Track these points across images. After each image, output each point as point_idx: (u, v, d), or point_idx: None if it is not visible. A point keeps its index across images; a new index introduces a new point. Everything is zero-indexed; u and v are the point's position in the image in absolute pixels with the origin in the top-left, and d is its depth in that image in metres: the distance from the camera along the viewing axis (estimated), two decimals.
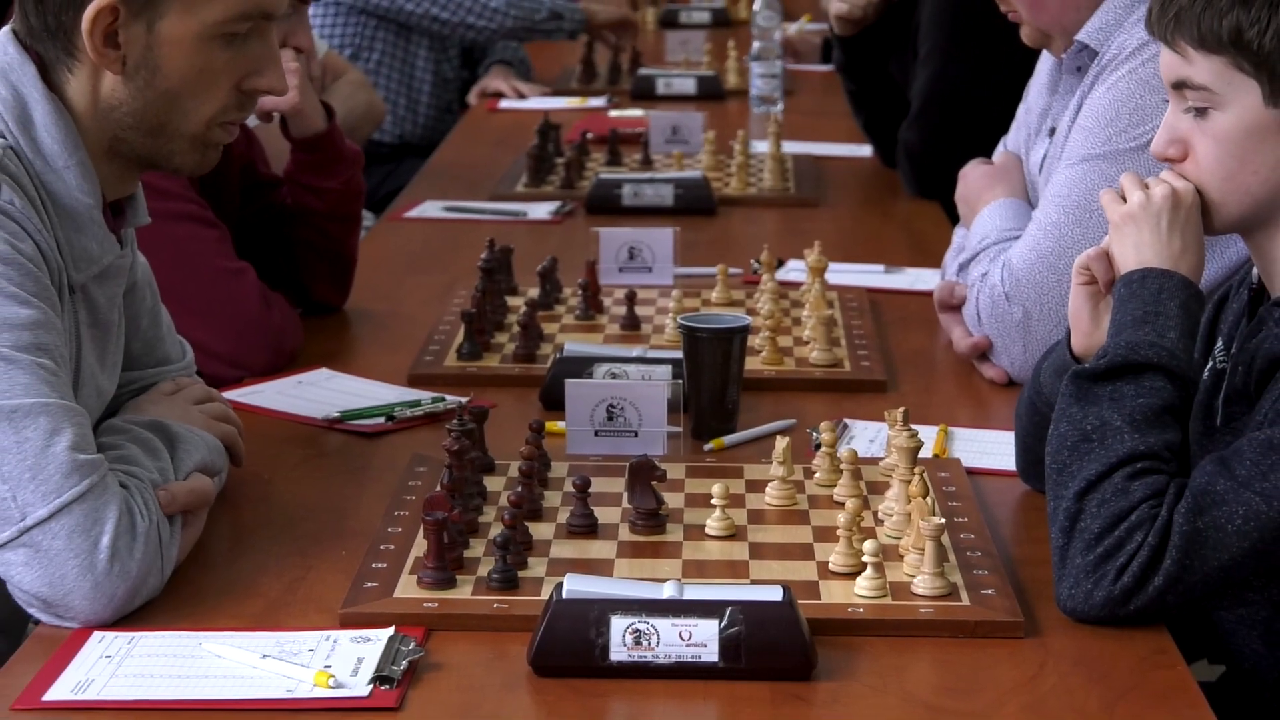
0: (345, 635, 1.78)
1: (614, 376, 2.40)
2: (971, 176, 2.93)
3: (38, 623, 1.85)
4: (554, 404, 2.39)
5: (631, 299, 2.83)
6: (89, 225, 1.97)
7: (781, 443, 2.14)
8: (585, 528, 2.03)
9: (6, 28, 1.99)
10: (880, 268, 3.19)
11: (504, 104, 5.03)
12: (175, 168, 2.04)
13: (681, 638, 1.71)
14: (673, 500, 2.10)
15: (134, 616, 1.83)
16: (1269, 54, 1.88)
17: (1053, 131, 2.76)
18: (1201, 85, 1.92)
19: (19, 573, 1.80)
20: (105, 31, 1.92)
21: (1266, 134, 1.91)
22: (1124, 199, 1.97)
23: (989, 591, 1.87)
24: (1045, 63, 2.87)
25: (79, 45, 1.93)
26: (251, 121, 3.13)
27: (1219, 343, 2.04)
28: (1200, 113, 1.94)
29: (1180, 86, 1.95)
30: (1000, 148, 3.01)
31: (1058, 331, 2.22)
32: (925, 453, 2.23)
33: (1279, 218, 1.94)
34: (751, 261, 3.08)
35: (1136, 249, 1.95)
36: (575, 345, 2.59)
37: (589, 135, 4.15)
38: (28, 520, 1.79)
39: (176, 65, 1.95)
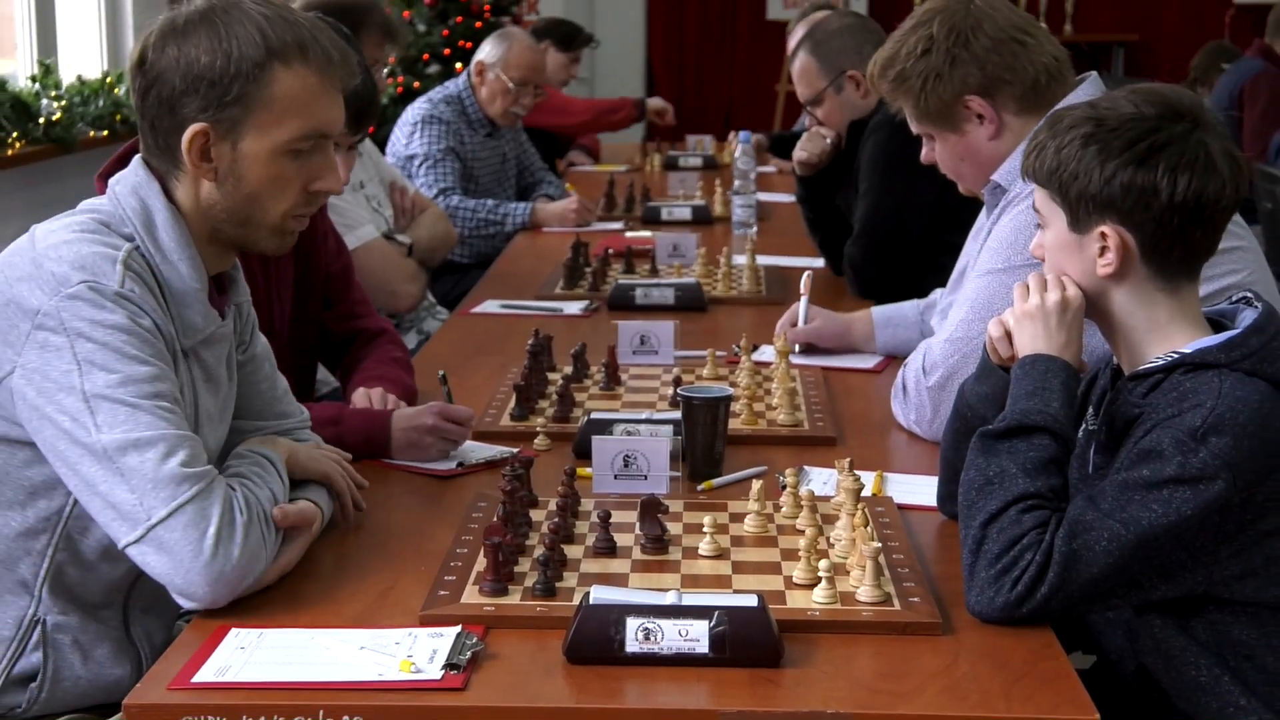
0: (423, 632, 1.77)
1: (629, 434, 2.39)
2: None
3: (182, 614, 1.83)
4: (584, 454, 2.38)
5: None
6: (195, 303, 1.97)
7: (756, 484, 2.13)
8: (607, 549, 2.02)
9: (139, 155, 2.00)
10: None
11: (545, 228, 5.02)
12: (260, 250, 2.04)
13: (680, 634, 1.69)
14: (674, 528, 2.09)
15: (261, 616, 1.82)
16: (1069, 190, 1.92)
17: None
18: (1038, 209, 1.98)
19: (152, 561, 1.80)
20: (200, 149, 1.94)
21: (1071, 250, 1.95)
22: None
23: (915, 599, 1.85)
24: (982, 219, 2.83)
25: (182, 160, 1.95)
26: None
27: (1089, 410, 2.03)
28: (1041, 229, 1.99)
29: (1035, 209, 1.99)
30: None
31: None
32: (866, 492, 2.21)
33: (1104, 313, 1.95)
34: (733, 346, 3.08)
35: (1032, 339, 1.95)
36: (599, 410, 2.57)
37: (610, 251, 4.15)
38: (152, 519, 1.78)
39: (256, 174, 1.95)
